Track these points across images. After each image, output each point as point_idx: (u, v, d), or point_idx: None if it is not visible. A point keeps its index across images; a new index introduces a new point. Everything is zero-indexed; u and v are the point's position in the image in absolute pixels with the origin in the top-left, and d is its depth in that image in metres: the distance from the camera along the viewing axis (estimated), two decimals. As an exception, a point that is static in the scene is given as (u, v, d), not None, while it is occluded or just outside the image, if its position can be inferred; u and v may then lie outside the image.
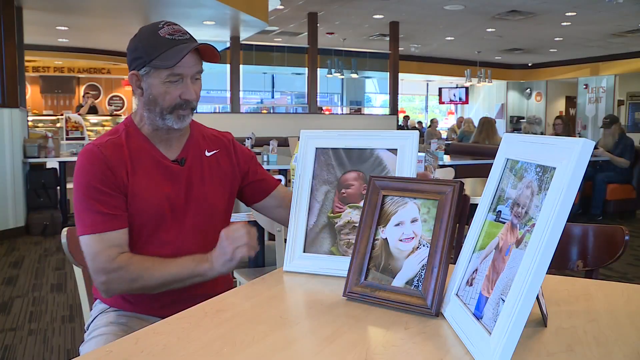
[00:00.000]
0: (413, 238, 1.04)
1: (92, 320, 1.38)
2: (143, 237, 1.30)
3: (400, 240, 1.05)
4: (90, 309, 1.46)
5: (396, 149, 1.25)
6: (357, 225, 1.21)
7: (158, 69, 1.26)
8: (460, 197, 1.01)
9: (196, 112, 1.37)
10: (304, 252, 1.26)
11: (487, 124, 7.13)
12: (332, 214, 1.26)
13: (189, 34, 1.31)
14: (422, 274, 1.00)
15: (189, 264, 1.23)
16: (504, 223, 0.87)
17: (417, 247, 1.03)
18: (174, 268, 1.23)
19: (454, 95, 17.63)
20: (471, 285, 0.90)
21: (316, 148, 1.31)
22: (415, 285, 1.00)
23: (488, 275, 0.86)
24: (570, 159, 0.74)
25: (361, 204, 1.23)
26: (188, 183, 1.36)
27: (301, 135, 1.32)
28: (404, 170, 1.23)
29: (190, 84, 1.29)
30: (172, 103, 1.29)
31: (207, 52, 1.31)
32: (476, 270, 0.91)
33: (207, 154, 1.42)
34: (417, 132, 1.27)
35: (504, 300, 0.77)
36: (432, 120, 12.75)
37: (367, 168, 1.26)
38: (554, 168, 0.77)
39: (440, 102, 18.45)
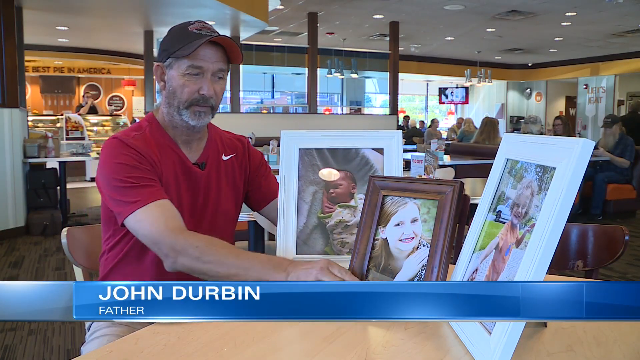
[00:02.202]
0: (413, 238, 1.04)
1: (94, 320, 1.37)
2: None
3: (400, 241, 1.05)
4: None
5: (382, 148, 1.26)
6: (349, 224, 1.22)
7: (179, 60, 1.27)
8: (460, 197, 1.00)
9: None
10: (296, 254, 1.25)
11: (489, 125, 7.10)
12: (322, 214, 1.26)
13: (218, 32, 1.30)
14: (422, 274, 1.00)
15: (262, 265, 1.07)
16: (504, 223, 0.87)
17: (417, 247, 1.02)
18: (246, 262, 1.07)
19: (453, 94, 17.63)
20: (471, 285, 0.91)
21: (299, 149, 1.30)
22: None
23: (488, 275, 0.86)
24: (570, 159, 0.74)
25: (351, 202, 1.24)
26: (206, 187, 1.35)
27: (282, 136, 1.30)
28: (392, 168, 1.24)
29: (210, 79, 1.28)
30: (190, 97, 1.27)
31: (232, 53, 1.31)
32: (476, 270, 0.91)
33: (224, 158, 1.41)
34: (400, 132, 1.29)
35: (504, 300, 0.77)
36: (432, 120, 12.75)
37: (354, 168, 1.26)
38: (554, 168, 0.77)
39: (440, 102, 18.44)
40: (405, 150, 6.04)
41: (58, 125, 10.18)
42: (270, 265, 1.06)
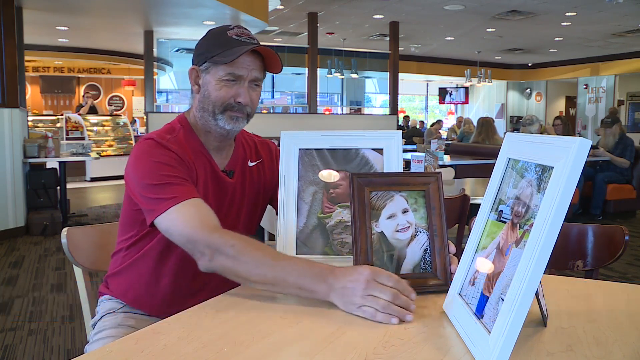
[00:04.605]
0: (409, 227, 1.11)
1: (99, 319, 1.36)
2: (178, 247, 1.19)
3: (397, 231, 1.11)
4: (95, 306, 1.45)
5: (382, 149, 1.27)
6: (349, 224, 1.22)
7: (217, 65, 1.26)
8: (442, 185, 1.13)
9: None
10: (296, 254, 1.25)
11: (486, 124, 7.11)
12: (322, 215, 1.26)
13: (257, 39, 1.29)
14: (427, 257, 1.09)
15: (299, 273, 1.01)
16: (505, 222, 0.88)
17: (415, 235, 1.11)
18: (283, 268, 1.02)
19: (453, 94, 17.63)
20: (473, 285, 0.91)
21: (299, 149, 1.30)
22: (423, 269, 1.09)
23: (489, 274, 0.86)
24: (567, 158, 0.74)
25: None
26: (232, 196, 1.34)
27: (282, 136, 1.30)
28: (392, 169, 1.26)
29: (247, 88, 1.28)
30: (225, 102, 1.27)
31: (271, 62, 1.30)
32: (478, 269, 0.91)
33: (250, 164, 1.40)
34: (400, 132, 1.30)
35: (503, 300, 0.77)
36: (438, 121, 12.76)
37: (354, 168, 1.27)
38: (552, 167, 0.77)
39: (441, 102, 18.45)
40: (405, 150, 6.06)
41: (58, 125, 10.20)
42: (310, 273, 1.00)
